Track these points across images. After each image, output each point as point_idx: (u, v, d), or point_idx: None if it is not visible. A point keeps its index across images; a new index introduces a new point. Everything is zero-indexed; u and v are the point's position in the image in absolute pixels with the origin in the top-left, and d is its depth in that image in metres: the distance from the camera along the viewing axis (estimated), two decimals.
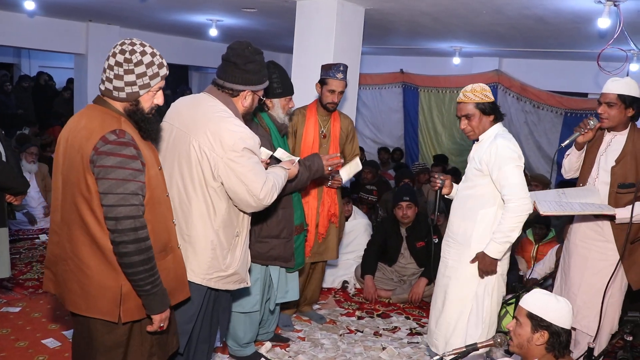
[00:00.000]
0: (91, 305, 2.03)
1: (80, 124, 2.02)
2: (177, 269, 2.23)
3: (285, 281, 3.45)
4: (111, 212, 1.91)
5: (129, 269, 1.96)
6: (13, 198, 3.53)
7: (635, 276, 3.08)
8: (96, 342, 2.09)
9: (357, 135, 4.11)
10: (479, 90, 2.83)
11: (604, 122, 3.04)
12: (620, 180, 2.99)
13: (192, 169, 2.37)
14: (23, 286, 4.42)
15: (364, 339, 3.91)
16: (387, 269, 4.86)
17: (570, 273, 3.23)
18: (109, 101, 2.05)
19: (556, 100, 7.84)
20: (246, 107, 2.53)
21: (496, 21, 5.40)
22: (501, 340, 2.22)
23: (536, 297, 2.21)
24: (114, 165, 1.92)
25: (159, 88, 2.08)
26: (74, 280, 2.05)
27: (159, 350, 2.23)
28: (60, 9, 6.78)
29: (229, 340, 3.41)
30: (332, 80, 3.67)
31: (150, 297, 2.02)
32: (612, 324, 3.17)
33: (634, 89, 2.98)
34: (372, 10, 5.13)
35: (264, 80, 2.55)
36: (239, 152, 2.32)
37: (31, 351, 3.38)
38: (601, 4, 4.07)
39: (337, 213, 3.94)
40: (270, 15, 6.11)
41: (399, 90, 9.16)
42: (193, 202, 2.39)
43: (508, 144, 2.78)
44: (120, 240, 1.92)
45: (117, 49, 1.99)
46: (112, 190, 1.91)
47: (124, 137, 1.96)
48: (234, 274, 2.52)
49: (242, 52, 2.46)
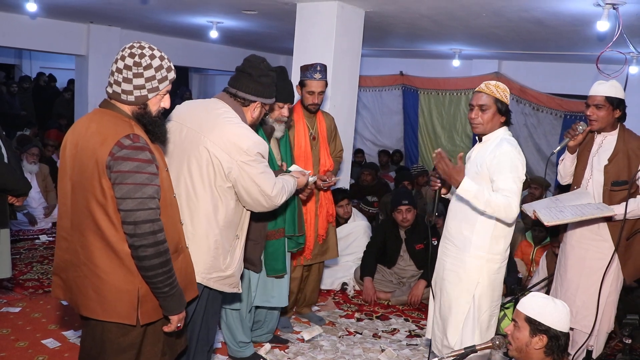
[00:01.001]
0: (108, 309, 2.03)
1: (91, 128, 2.01)
2: (187, 269, 2.26)
3: (272, 286, 3.40)
4: (130, 217, 1.92)
5: (148, 272, 1.97)
6: (14, 199, 3.54)
7: (630, 270, 3.15)
8: (109, 344, 2.09)
9: (356, 135, 4.12)
10: (502, 89, 2.81)
11: (593, 124, 3.11)
12: (614, 178, 3.04)
13: (202, 169, 2.41)
14: (23, 286, 4.43)
15: (363, 341, 3.92)
16: (386, 271, 4.87)
17: (567, 275, 3.25)
18: (117, 104, 2.05)
19: (555, 103, 7.85)
20: (254, 118, 2.61)
21: (495, 24, 5.42)
22: (499, 343, 2.22)
23: (534, 300, 2.21)
24: (131, 170, 1.92)
25: (166, 92, 2.09)
26: (88, 286, 2.05)
27: (169, 350, 2.25)
28: (62, 10, 6.80)
29: (227, 339, 3.42)
30: (310, 81, 3.62)
31: (168, 299, 2.04)
32: (609, 323, 3.20)
33: (620, 90, 3.09)
34: (372, 12, 5.15)
35: (273, 95, 2.64)
36: (253, 156, 2.42)
37: (31, 351, 3.38)
38: (600, 7, 4.08)
39: (334, 213, 4.01)
40: (271, 18, 6.13)
41: (398, 92, 9.16)
42: (201, 201, 2.42)
43: (514, 151, 2.71)
44: (140, 245, 1.93)
45: (125, 52, 1.98)
46: (130, 195, 1.92)
47: (139, 141, 1.96)
48: (231, 275, 2.56)
49: (258, 65, 2.55)
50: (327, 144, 3.85)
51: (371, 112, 9.46)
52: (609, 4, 3.93)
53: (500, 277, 2.86)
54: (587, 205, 3.03)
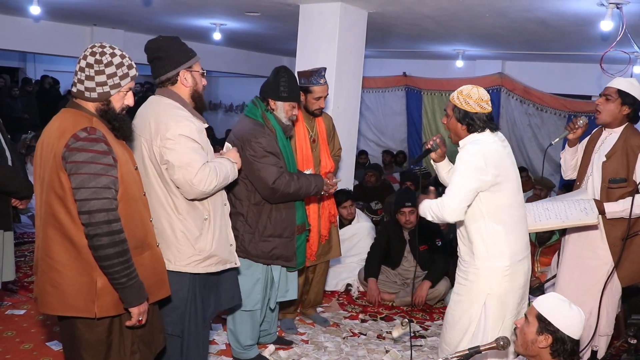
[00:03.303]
0: (66, 303, 2.06)
1: (54, 126, 2.09)
2: (155, 267, 2.27)
3: (286, 280, 3.48)
4: (84, 206, 1.96)
5: (104, 262, 1.99)
6: (18, 202, 3.55)
7: (624, 273, 3.10)
8: (78, 340, 2.12)
9: (360, 136, 4.13)
10: (464, 95, 2.67)
11: (598, 114, 3.07)
12: (611, 175, 3.01)
13: (145, 165, 2.47)
14: (28, 289, 4.44)
15: (367, 342, 3.92)
16: (390, 272, 4.86)
17: (563, 271, 3.23)
18: (81, 103, 2.11)
19: (559, 103, 7.83)
20: (190, 85, 2.58)
21: (499, 24, 5.41)
22: (504, 343, 2.21)
23: (550, 300, 2.20)
24: (85, 160, 1.97)
25: (129, 89, 2.15)
26: (46, 281, 2.08)
27: (143, 347, 2.25)
28: (65, 13, 6.83)
29: (232, 342, 3.42)
30: (317, 87, 3.61)
31: (126, 290, 2.05)
32: (609, 325, 3.19)
33: (636, 89, 3.01)
34: (375, 13, 5.15)
35: (192, 55, 2.60)
36: (174, 138, 2.41)
37: (36, 353, 3.39)
38: (604, 7, 4.07)
39: (336, 213, 4.03)
40: (274, 19, 6.14)
41: (402, 93, 9.16)
42: (152, 195, 2.46)
43: (471, 150, 2.57)
44: (95, 234, 1.96)
45: (87, 52, 2.07)
46: (84, 185, 1.96)
47: (95, 133, 2.02)
48: (210, 256, 2.56)
49: (157, 46, 2.55)
50: (327, 146, 3.86)
51: (374, 113, 9.46)
52: (613, 3, 3.93)
53: (510, 285, 2.70)
54: (576, 204, 3.00)
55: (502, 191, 2.60)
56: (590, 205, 2.98)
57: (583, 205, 2.98)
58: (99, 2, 5.97)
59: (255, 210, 3.19)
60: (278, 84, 3.18)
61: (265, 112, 3.23)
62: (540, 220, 2.96)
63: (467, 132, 2.68)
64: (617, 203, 2.98)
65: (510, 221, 2.66)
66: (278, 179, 3.07)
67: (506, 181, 2.61)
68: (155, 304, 2.32)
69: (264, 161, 3.07)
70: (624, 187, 2.97)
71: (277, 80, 3.20)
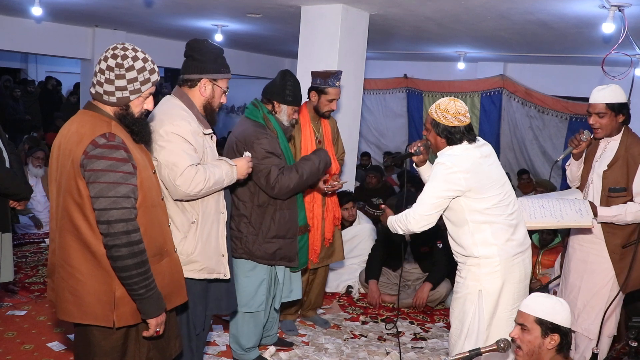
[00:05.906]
0: (84, 311, 2.02)
1: (72, 129, 2.03)
2: (173, 273, 2.22)
3: (290, 281, 3.50)
4: (103, 216, 1.91)
5: (123, 273, 1.95)
6: (16, 203, 3.56)
7: (624, 280, 3.09)
8: (94, 347, 2.08)
9: (360, 138, 4.13)
10: (442, 109, 2.69)
11: (597, 132, 3.07)
12: (612, 184, 3.01)
13: None
14: (29, 290, 4.44)
15: (368, 344, 3.91)
16: (391, 274, 4.86)
17: (570, 277, 3.24)
18: (99, 105, 2.05)
19: (561, 105, 7.82)
20: (207, 96, 2.58)
21: (500, 26, 5.41)
22: (504, 345, 2.21)
23: (540, 301, 2.21)
24: (104, 168, 1.91)
25: (149, 94, 2.08)
26: (65, 288, 2.03)
27: (158, 354, 2.21)
28: (67, 14, 6.84)
29: (233, 344, 3.42)
30: (332, 89, 3.64)
31: (144, 301, 2.00)
32: (612, 327, 3.19)
33: (620, 95, 3.02)
34: (377, 15, 5.15)
35: (224, 71, 2.60)
36: (166, 135, 2.39)
37: (36, 354, 3.39)
38: (605, 9, 4.07)
39: (340, 216, 4.04)
40: (275, 21, 6.14)
41: (402, 95, 9.16)
42: None
43: (444, 161, 2.64)
44: (113, 244, 1.92)
45: (108, 53, 1.99)
46: (103, 194, 1.91)
47: (114, 140, 1.95)
48: (192, 261, 2.50)
49: (198, 46, 2.56)
50: (332, 147, 3.86)
51: (374, 115, 9.46)
52: (615, 5, 3.93)
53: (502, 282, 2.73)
54: (572, 204, 3.00)
55: (483, 194, 2.66)
56: (585, 207, 3.00)
57: (578, 206, 3.00)
58: (100, 4, 5.97)
59: (259, 211, 3.20)
60: (284, 88, 3.23)
61: (267, 114, 3.24)
62: (535, 217, 2.97)
63: (447, 144, 2.75)
64: (611, 208, 2.99)
65: (498, 220, 2.70)
66: (279, 177, 3.09)
67: (486, 185, 2.67)
68: (172, 310, 2.27)
69: (266, 162, 3.08)
70: (623, 196, 2.98)
71: (284, 83, 3.24)
